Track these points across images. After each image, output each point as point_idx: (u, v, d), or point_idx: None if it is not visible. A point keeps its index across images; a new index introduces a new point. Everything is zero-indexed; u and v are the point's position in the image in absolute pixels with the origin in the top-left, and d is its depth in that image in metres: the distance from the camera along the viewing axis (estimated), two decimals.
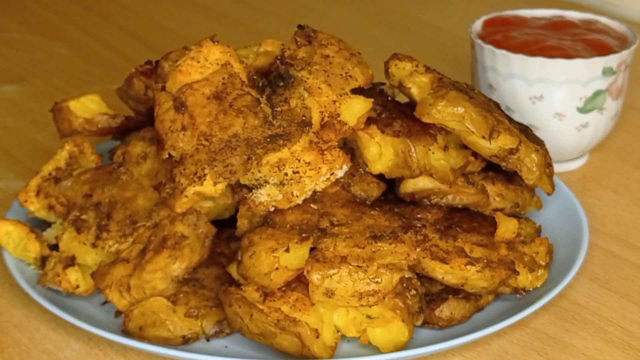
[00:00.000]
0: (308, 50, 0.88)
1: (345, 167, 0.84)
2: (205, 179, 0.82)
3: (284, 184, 0.83)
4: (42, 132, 1.19)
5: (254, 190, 0.84)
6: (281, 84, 0.86)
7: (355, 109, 0.85)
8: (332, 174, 0.84)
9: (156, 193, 0.87)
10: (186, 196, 0.82)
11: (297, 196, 0.84)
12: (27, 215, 0.93)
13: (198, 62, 0.86)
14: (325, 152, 0.84)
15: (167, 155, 0.83)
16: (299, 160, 0.83)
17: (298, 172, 0.83)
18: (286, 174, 0.83)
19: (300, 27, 0.89)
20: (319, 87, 0.85)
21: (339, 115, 0.85)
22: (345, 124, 0.85)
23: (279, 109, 0.85)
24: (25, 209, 0.93)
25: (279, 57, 0.89)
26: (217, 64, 0.86)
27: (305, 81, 0.86)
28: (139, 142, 0.92)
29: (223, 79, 0.85)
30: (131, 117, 0.96)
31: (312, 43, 0.88)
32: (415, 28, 1.53)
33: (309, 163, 0.83)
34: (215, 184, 0.82)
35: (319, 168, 0.83)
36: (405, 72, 0.89)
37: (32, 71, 1.38)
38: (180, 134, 0.83)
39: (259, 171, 0.83)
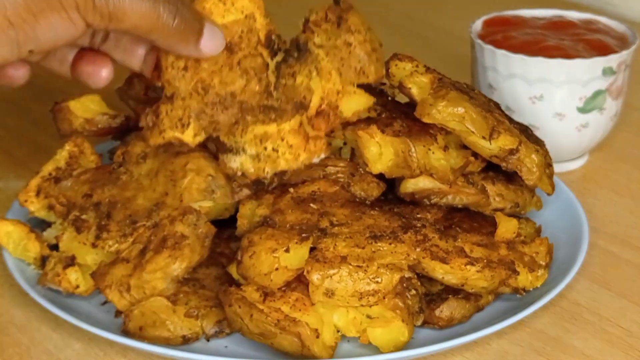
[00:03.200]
0: (334, 31, 0.86)
1: (322, 155, 0.84)
2: (187, 129, 0.81)
3: (259, 159, 0.83)
4: (42, 132, 1.19)
5: (228, 153, 0.83)
6: (295, 54, 0.85)
7: (356, 103, 0.85)
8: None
9: (156, 193, 0.87)
10: (163, 137, 0.82)
11: (267, 173, 0.83)
12: (27, 215, 0.93)
13: (224, 4, 0.83)
14: (310, 141, 0.83)
15: (160, 85, 0.83)
16: (283, 140, 0.83)
17: (277, 151, 0.83)
18: (265, 149, 0.83)
19: (336, 2, 0.88)
20: (329, 73, 0.84)
21: (337, 107, 0.84)
22: (339, 117, 0.84)
23: (283, 81, 0.84)
24: (25, 209, 0.93)
25: (305, 19, 0.88)
26: (242, 13, 0.84)
27: (320, 62, 0.85)
28: (139, 142, 0.92)
29: (242, 31, 0.84)
30: (131, 117, 0.96)
31: (341, 26, 0.87)
32: (415, 28, 1.53)
33: (291, 146, 0.83)
34: (195, 135, 0.82)
35: (299, 155, 0.83)
36: (405, 72, 0.89)
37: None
38: (180, 72, 0.82)
39: (241, 137, 0.83)
